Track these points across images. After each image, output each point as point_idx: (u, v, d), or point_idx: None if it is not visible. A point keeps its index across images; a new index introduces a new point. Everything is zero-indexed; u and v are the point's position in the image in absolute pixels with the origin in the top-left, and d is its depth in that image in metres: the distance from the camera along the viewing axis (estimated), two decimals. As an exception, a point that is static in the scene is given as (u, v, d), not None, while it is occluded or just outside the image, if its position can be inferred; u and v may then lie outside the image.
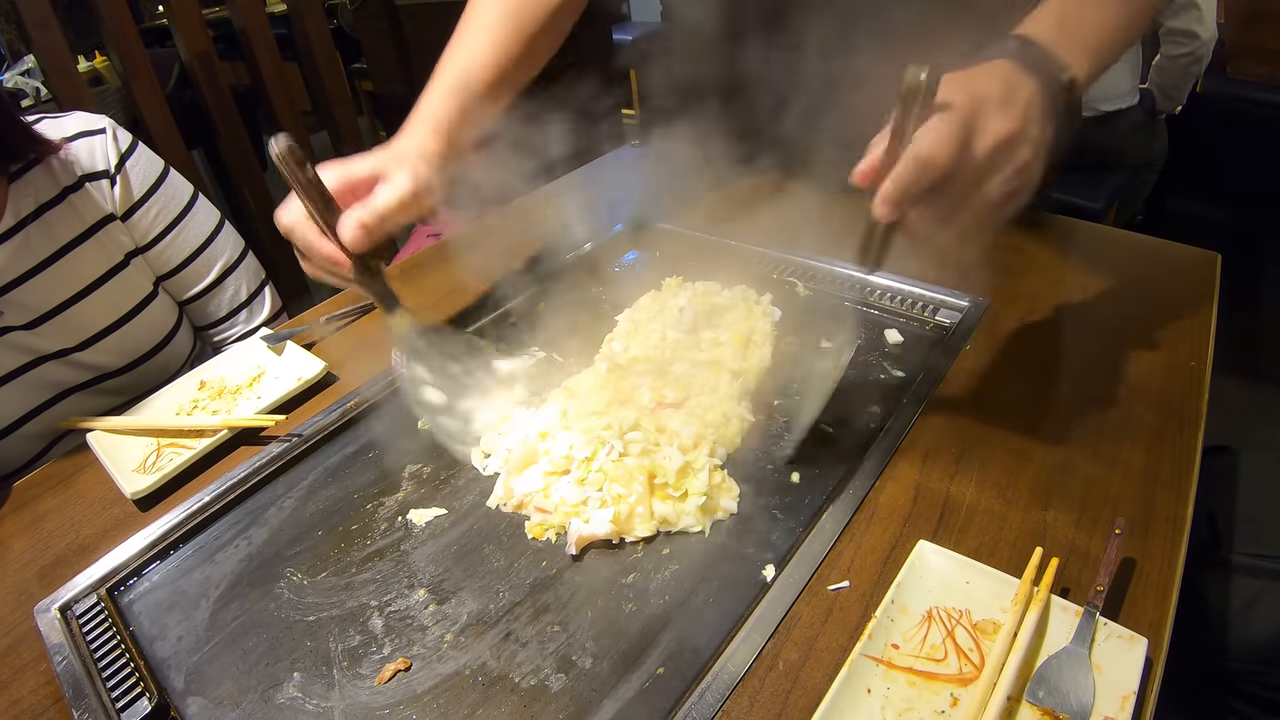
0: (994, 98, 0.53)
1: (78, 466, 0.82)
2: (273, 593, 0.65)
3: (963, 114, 0.52)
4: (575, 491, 0.66)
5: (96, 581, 0.68)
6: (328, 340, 0.98)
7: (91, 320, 0.95)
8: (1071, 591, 0.57)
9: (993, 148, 0.52)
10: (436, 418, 0.77)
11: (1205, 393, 0.75)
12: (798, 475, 0.70)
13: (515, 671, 0.57)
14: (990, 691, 0.49)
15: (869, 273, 0.64)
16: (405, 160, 0.70)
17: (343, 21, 3.93)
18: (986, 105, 0.53)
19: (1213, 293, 0.88)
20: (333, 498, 0.74)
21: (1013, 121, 0.53)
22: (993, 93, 0.53)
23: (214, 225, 1.07)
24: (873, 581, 0.59)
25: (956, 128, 0.51)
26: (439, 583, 0.64)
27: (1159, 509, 0.63)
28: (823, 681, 0.52)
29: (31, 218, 0.90)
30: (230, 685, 0.59)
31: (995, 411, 0.74)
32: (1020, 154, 0.54)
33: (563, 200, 1.29)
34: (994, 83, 0.54)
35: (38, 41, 1.64)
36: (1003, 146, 0.53)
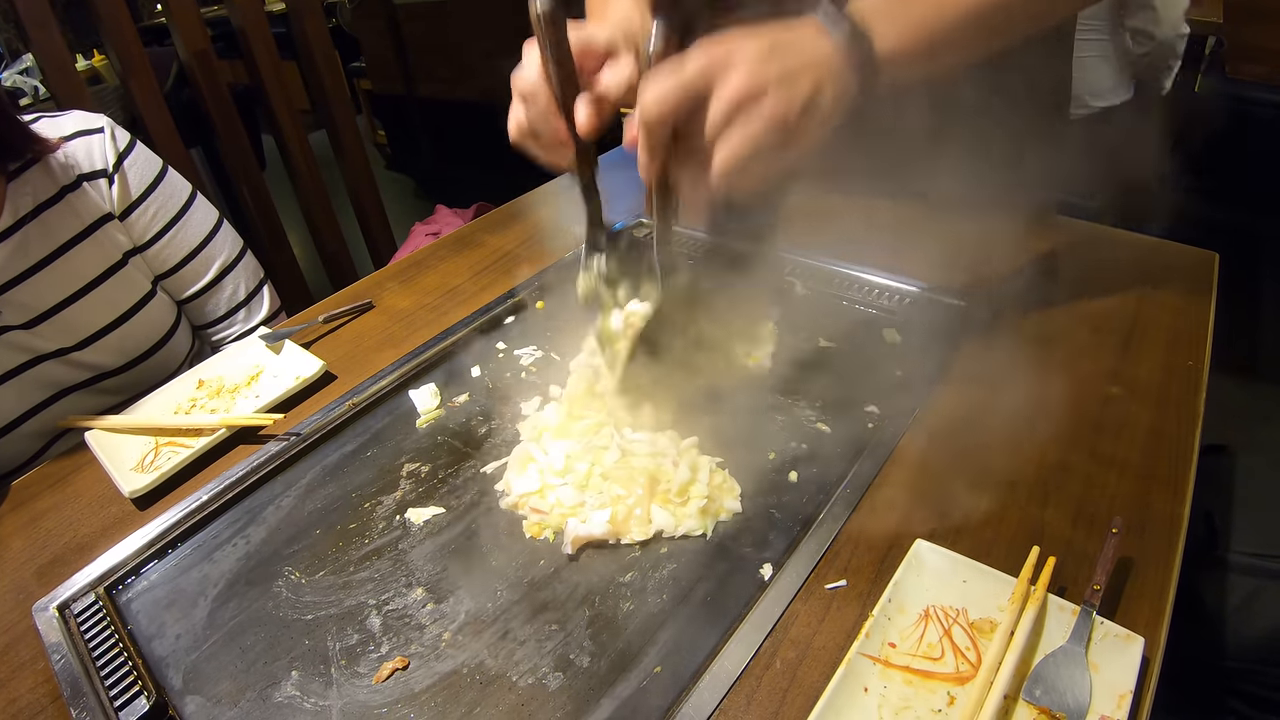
0: (746, 54, 0.51)
1: (76, 465, 0.82)
2: (271, 591, 0.65)
3: (696, 65, 0.51)
4: (573, 494, 0.66)
5: (94, 580, 0.68)
6: (326, 339, 0.98)
7: (90, 319, 0.95)
8: (1068, 590, 0.57)
9: (728, 103, 0.51)
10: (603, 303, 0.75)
11: (1202, 392, 0.75)
12: (795, 474, 0.70)
13: (513, 670, 0.57)
14: (987, 690, 0.49)
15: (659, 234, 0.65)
16: (629, 40, 0.65)
17: (341, 21, 3.93)
18: (730, 62, 0.51)
19: (1210, 292, 0.88)
20: (331, 496, 0.74)
21: (758, 78, 0.50)
22: (747, 49, 0.51)
23: (212, 224, 1.07)
24: (870, 580, 0.59)
25: (676, 84, 0.50)
26: (437, 581, 0.64)
27: (1156, 508, 0.63)
28: (820, 680, 0.52)
29: (30, 217, 0.90)
30: (228, 684, 0.59)
31: (992, 410, 0.74)
32: (765, 108, 0.51)
33: (561, 199, 1.29)
34: (758, 40, 0.52)
35: (36, 40, 1.64)
36: (741, 102, 0.50)
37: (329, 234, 2.37)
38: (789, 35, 0.54)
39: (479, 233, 1.21)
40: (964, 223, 1.04)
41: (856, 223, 1.07)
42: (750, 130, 0.51)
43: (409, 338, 0.95)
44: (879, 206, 1.10)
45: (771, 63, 0.51)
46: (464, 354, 0.92)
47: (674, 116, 0.52)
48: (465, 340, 0.94)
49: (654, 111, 0.51)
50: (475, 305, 0.99)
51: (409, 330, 0.97)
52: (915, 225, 1.05)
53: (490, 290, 1.03)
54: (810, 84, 0.52)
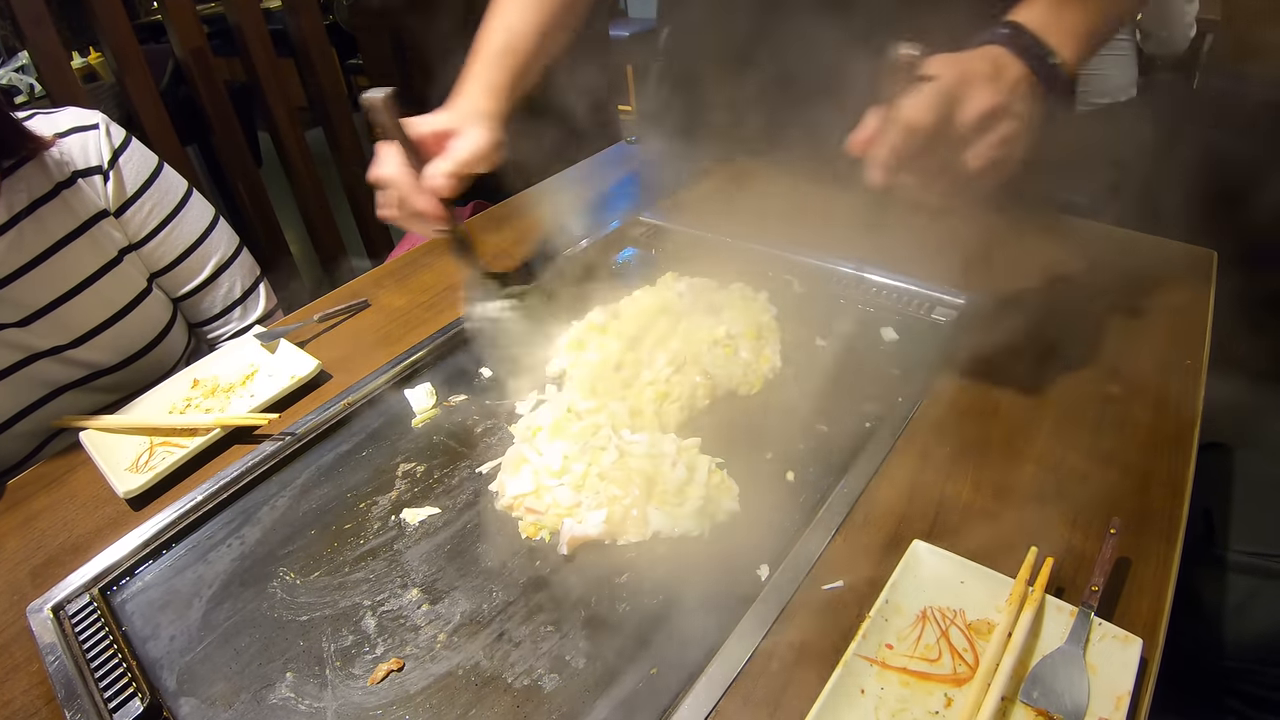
0: (980, 74, 0.56)
1: (70, 465, 0.82)
2: (265, 592, 0.65)
3: (947, 85, 0.55)
4: (570, 495, 0.66)
5: (89, 581, 0.67)
6: (322, 338, 0.98)
7: (85, 317, 0.94)
8: (1066, 591, 0.56)
9: (975, 117, 0.55)
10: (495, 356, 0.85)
11: (1201, 390, 0.74)
12: (793, 474, 0.70)
13: (508, 671, 0.56)
14: (984, 692, 0.49)
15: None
16: (472, 118, 0.76)
17: (338, 17, 3.92)
18: (972, 79, 0.56)
19: (1209, 290, 0.88)
20: (326, 497, 0.74)
21: (996, 96, 0.56)
22: (980, 70, 0.57)
23: (208, 222, 1.07)
24: (867, 581, 0.59)
25: (939, 96, 0.55)
26: (432, 582, 0.64)
27: (1154, 508, 0.63)
28: (816, 681, 0.52)
29: (24, 214, 0.89)
30: (223, 685, 0.58)
31: (991, 410, 0.74)
32: (1003, 126, 0.56)
33: (558, 197, 1.29)
34: (982, 62, 0.57)
35: (31, 38, 1.63)
36: (985, 117, 0.56)
37: (325, 231, 2.36)
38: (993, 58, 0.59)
39: (476, 231, 1.21)
40: (963, 221, 1.04)
41: (853, 220, 1.07)
42: (993, 140, 0.57)
43: (405, 337, 0.95)
44: (877, 203, 1.10)
45: (1001, 86, 0.57)
46: (460, 353, 0.92)
47: (937, 122, 0.55)
48: (461, 339, 0.93)
49: (919, 119, 0.55)
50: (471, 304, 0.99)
51: (405, 329, 0.96)
52: (914, 224, 1.05)
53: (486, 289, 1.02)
54: (1024, 106, 0.58)
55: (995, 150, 0.57)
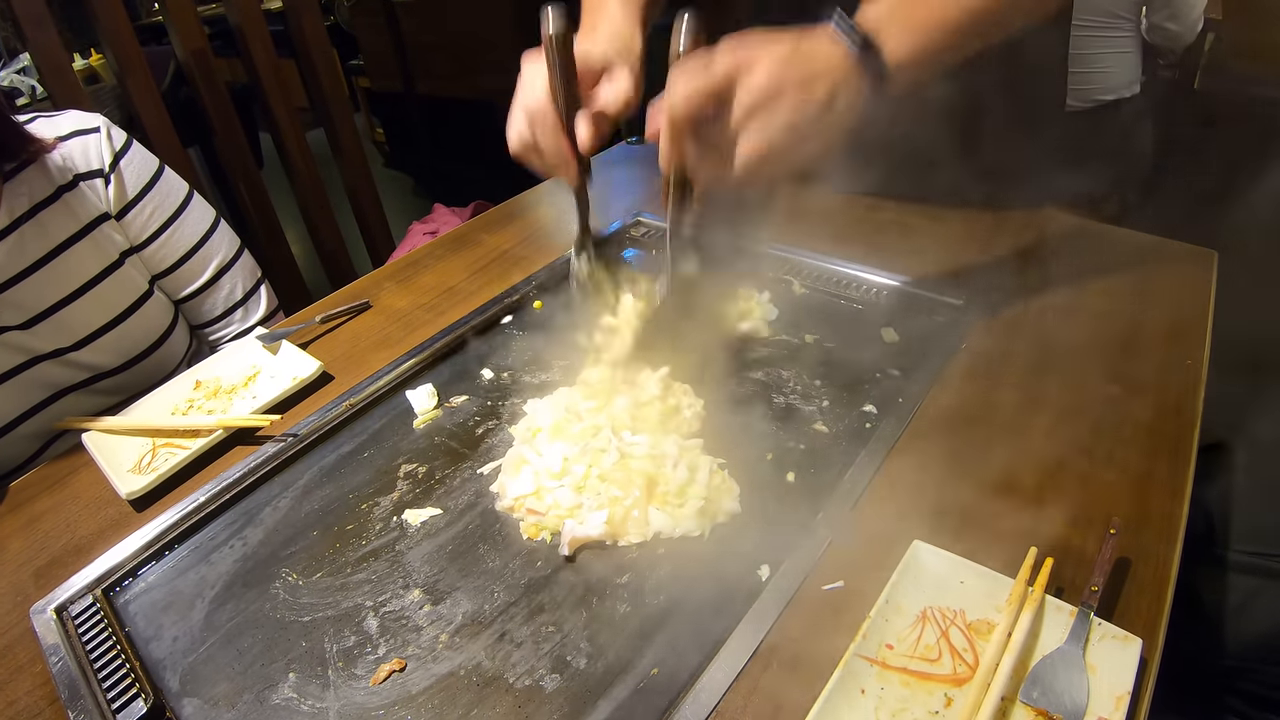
0: (770, 55, 0.55)
1: (73, 467, 0.82)
2: (268, 593, 0.65)
3: (722, 65, 0.54)
4: (570, 496, 0.66)
5: (92, 582, 0.68)
6: (323, 339, 0.98)
7: (87, 320, 0.95)
8: (1066, 591, 0.56)
9: (751, 100, 0.54)
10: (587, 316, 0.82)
11: (1201, 390, 0.75)
12: (793, 475, 0.70)
13: (510, 672, 0.57)
14: (984, 692, 0.49)
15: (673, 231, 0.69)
16: (622, 56, 0.71)
17: (339, 18, 3.93)
18: (755, 61, 0.55)
19: (1209, 290, 0.88)
20: (328, 498, 0.74)
21: (779, 78, 0.54)
22: (771, 51, 0.55)
23: (209, 224, 1.07)
24: (867, 581, 0.59)
25: (704, 78, 0.54)
26: (434, 583, 0.64)
27: (1154, 508, 0.63)
28: (817, 682, 0.52)
29: (26, 217, 0.89)
30: (225, 686, 0.59)
31: (990, 410, 0.74)
32: (784, 108, 0.55)
33: (558, 197, 1.29)
34: (781, 44, 0.56)
35: (33, 39, 1.63)
36: (763, 99, 0.54)
37: (327, 232, 2.36)
38: (805, 43, 0.57)
39: (477, 232, 1.21)
40: (962, 221, 1.04)
41: (854, 221, 1.07)
42: (771, 127, 0.55)
43: (406, 338, 0.95)
44: (877, 205, 1.10)
45: (791, 66, 0.55)
46: (461, 354, 0.92)
47: (700, 111, 0.55)
48: (462, 340, 0.94)
49: (682, 106, 0.55)
50: (473, 305, 0.99)
51: (406, 330, 0.97)
52: (913, 224, 1.05)
53: (488, 290, 1.03)
54: (826, 88, 0.56)
55: (774, 132, 0.55)
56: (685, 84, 0.54)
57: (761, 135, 0.55)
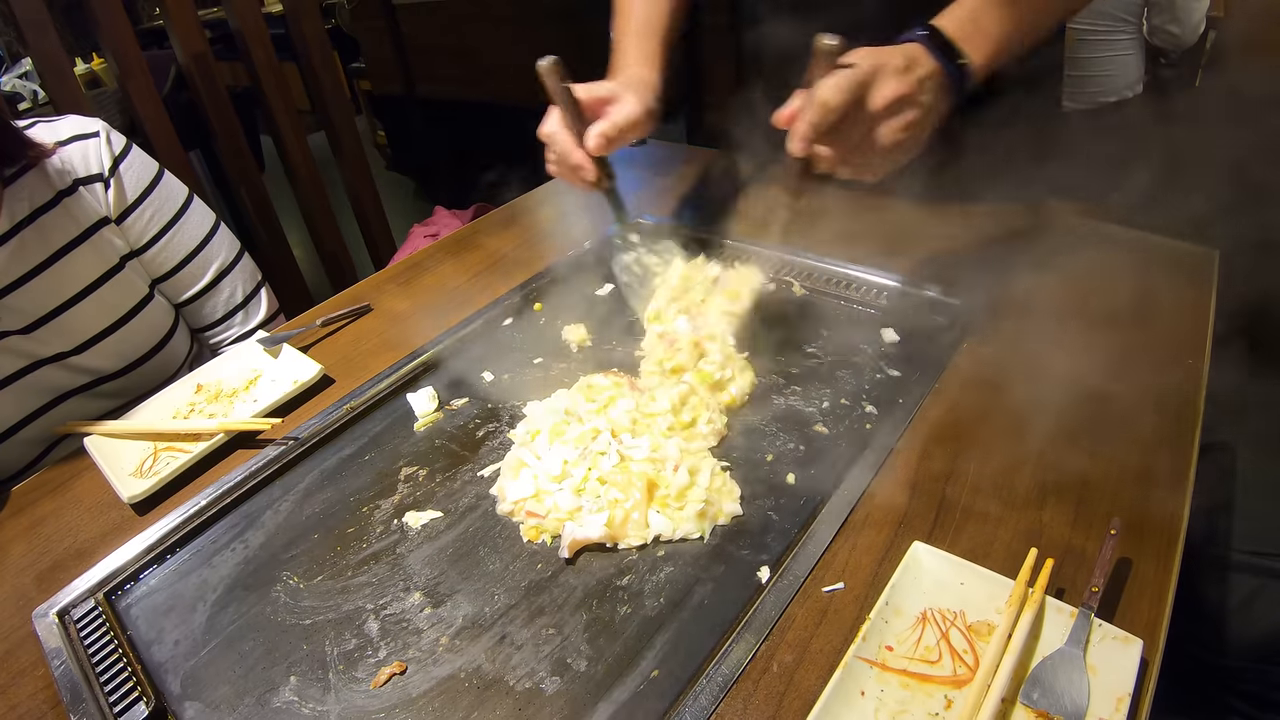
0: (893, 66, 0.65)
1: (75, 471, 0.82)
2: (269, 596, 0.66)
3: (861, 72, 0.63)
4: (570, 499, 0.66)
5: (94, 586, 0.68)
6: (324, 343, 0.98)
7: (88, 323, 0.95)
8: (1067, 592, 0.56)
9: (884, 102, 0.64)
10: (635, 304, 0.92)
11: (1202, 391, 0.74)
12: (793, 476, 0.70)
13: (510, 675, 0.57)
14: (984, 693, 0.49)
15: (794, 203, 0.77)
16: (632, 86, 0.84)
17: (340, 21, 3.93)
18: (884, 69, 0.64)
19: (1210, 289, 0.88)
20: (329, 501, 0.74)
21: (904, 86, 0.65)
22: (893, 62, 0.65)
23: (209, 227, 1.07)
24: (867, 583, 0.59)
25: (852, 81, 0.63)
26: (434, 586, 0.64)
27: (1155, 508, 0.63)
28: (817, 684, 0.52)
29: (26, 222, 0.90)
30: (227, 689, 0.59)
31: (991, 411, 0.74)
32: (908, 112, 0.66)
33: (559, 199, 1.29)
34: (896, 56, 0.66)
35: (34, 44, 1.64)
36: (893, 103, 0.65)
37: (328, 235, 2.37)
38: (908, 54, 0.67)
39: (477, 234, 1.21)
40: (963, 221, 1.04)
41: (854, 221, 1.07)
42: (901, 122, 0.66)
43: (407, 341, 0.95)
44: (878, 205, 1.10)
45: (910, 76, 0.65)
46: (462, 357, 0.92)
47: (848, 103, 0.63)
48: (463, 343, 0.94)
49: (833, 98, 0.63)
50: (473, 307, 0.99)
51: (407, 333, 0.97)
52: (913, 224, 1.05)
53: (488, 292, 1.03)
54: (931, 97, 0.67)
55: (900, 133, 0.66)
56: (831, 82, 0.63)
57: (894, 129, 0.66)
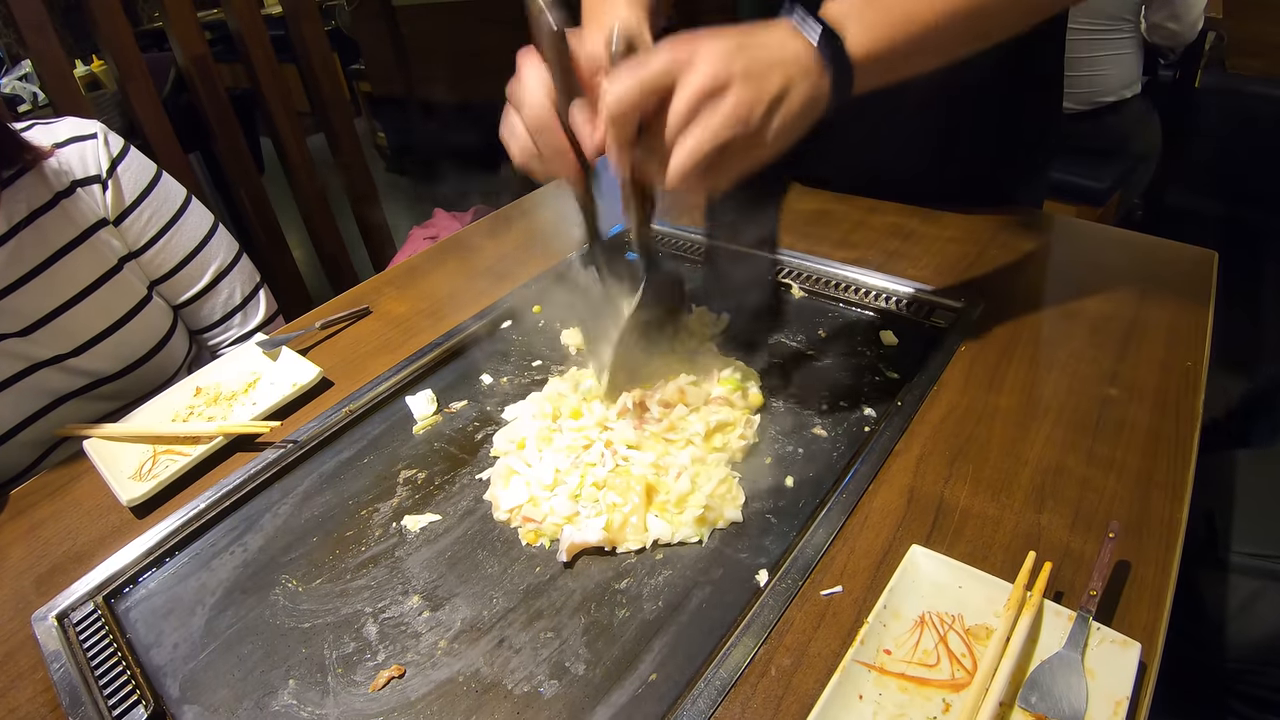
0: (712, 49, 0.51)
1: (74, 474, 0.82)
2: (268, 599, 0.66)
3: (655, 65, 0.51)
4: (567, 505, 0.66)
5: (93, 589, 0.68)
6: (323, 345, 0.98)
7: (86, 326, 0.95)
8: (1065, 596, 0.56)
9: (690, 96, 0.50)
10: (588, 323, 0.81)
11: (1201, 392, 0.74)
12: (791, 479, 0.70)
13: (508, 678, 0.57)
14: (982, 697, 0.49)
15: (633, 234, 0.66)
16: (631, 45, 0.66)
17: (340, 23, 3.93)
18: (695, 56, 0.51)
19: (1209, 291, 0.88)
20: (328, 504, 0.74)
21: (723, 72, 0.50)
22: (714, 45, 0.51)
23: (207, 229, 1.07)
24: (865, 586, 0.59)
25: (638, 79, 0.51)
26: (433, 589, 0.64)
27: (1154, 511, 0.63)
28: (815, 687, 0.52)
29: (24, 224, 0.90)
30: (226, 692, 0.59)
31: (990, 413, 0.74)
32: (729, 103, 0.50)
33: (559, 201, 1.29)
34: (725, 37, 0.52)
35: (34, 46, 1.64)
36: (704, 95, 0.50)
37: (328, 237, 2.37)
38: (759, 35, 0.54)
39: (476, 237, 1.21)
40: (961, 223, 1.04)
41: (853, 224, 1.07)
42: (712, 126, 0.51)
43: (406, 343, 0.95)
44: (876, 207, 1.10)
45: (737, 59, 0.51)
46: (461, 360, 0.92)
47: (636, 113, 0.52)
48: (462, 346, 0.94)
49: (615, 108, 0.52)
50: (472, 310, 0.99)
51: (406, 336, 0.97)
52: (912, 226, 1.05)
53: (487, 295, 1.03)
54: (778, 81, 0.52)
55: (718, 130, 0.51)
56: (619, 84, 0.51)
57: (703, 134, 0.51)
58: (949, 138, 1.02)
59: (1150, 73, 2.27)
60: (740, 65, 0.51)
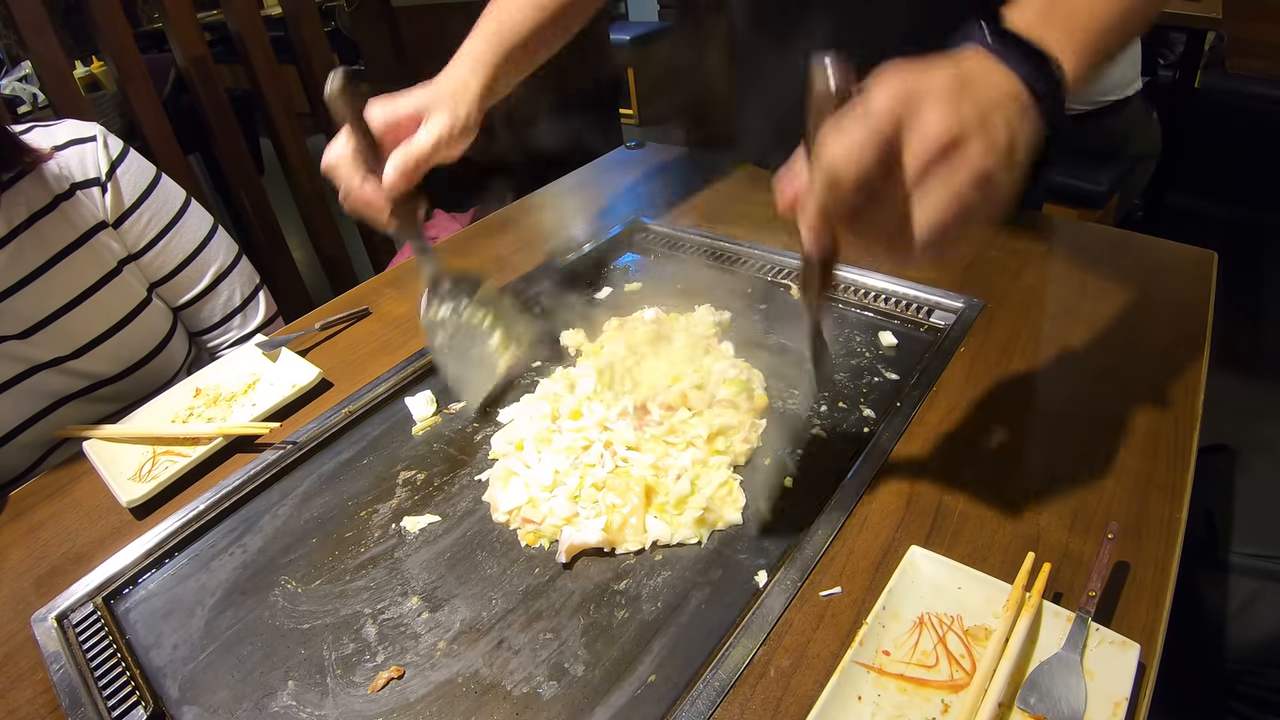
0: (937, 91, 0.42)
1: (74, 475, 0.82)
2: (267, 601, 0.66)
3: (883, 113, 0.41)
4: (566, 506, 0.66)
5: (93, 590, 0.68)
6: (322, 346, 0.98)
7: (85, 328, 0.95)
8: (1064, 596, 0.56)
9: (928, 152, 0.41)
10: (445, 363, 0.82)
11: (1201, 393, 0.74)
12: (790, 480, 0.70)
13: (507, 679, 0.57)
14: (981, 698, 0.49)
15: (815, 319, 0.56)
16: (444, 99, 0.72)
17: (340, 24, 3.93)
18: (922, 101, 0.42)
19: (1209, 292, 0.88)
20: (327, 505, 0.74)
21: (956, 119, 0.42)
22: (936, 85, 0.43)
23: (206, 231, 1.07)
24: (864, 587, 0.59)
25: (872, 133, 0.41)
26: (432, 590, 0.64)
27: (1153, 512, 0.63)
28: (814, 688, 0.52)
29: (24, 226, 0.90)
30: (225, 693, 0.59)
31: (989, 414, 0.74)
32: (970, 157, 0.42)
33: (559, 202, 1.29)
34: (943, 74, 0.44)
35: (33, 47, 1.64)
36: (943, 150, 0.41)
37: (328, 238, 2.37)
38: (964, 67, 0.45)
39: (475, 238, 1.22)
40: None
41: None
42: (958, 182, 0.42)
43: (405, 344, 0.95)
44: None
45: (964, 102, 0.42)
46: (460, 360, 0.92)
47: (870, 171, 0.41)
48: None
49: (846, 168, 0.41)
50: (471, 311, 0.99)
51: (405, 337, 0.97)
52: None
53: (486, 295, 1.03)
54: (1005, 126, 0.43)
55: (962, 191, 0.42)
56: (846, 137, 0.41)
57: (950, 191, 0.42)
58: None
59: (1150, 73, 2.27)
60: (970, 110, 0.42)
